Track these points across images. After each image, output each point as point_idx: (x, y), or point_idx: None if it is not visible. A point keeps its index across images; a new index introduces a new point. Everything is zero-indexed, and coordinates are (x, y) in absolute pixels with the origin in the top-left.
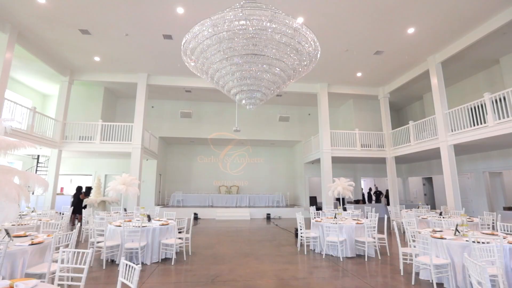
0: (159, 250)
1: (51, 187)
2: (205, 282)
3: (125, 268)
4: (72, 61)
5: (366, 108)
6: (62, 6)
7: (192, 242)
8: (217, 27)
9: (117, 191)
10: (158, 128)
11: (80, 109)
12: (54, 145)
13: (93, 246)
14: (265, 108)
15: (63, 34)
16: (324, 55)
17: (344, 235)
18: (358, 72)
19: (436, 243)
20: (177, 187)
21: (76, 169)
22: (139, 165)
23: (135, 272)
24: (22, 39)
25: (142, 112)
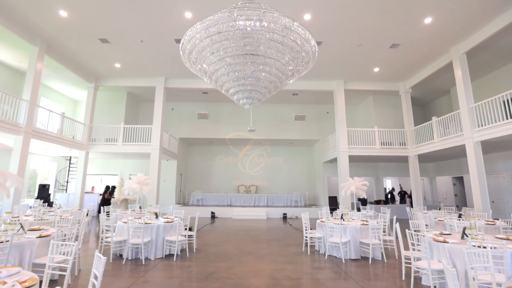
0: (163, 246)
1: (79, 186)
2: (199, 278)
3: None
4: (96, 68)
5: (387, 104)
6: (82, 18)
7: (202, 239)
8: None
9: (132, 190)
10: (177, 129)
11: (105, 113)
12: (82, 147)
13: (103, 241)
14: (280, 107)
15: (85, 44)
16: (337, 51)
17: (347, 236)
18: (375, 67)
19: (438, 247)
20: (198, 187)
21: (103, 169)
22: (158, 165)
23: (101, 263)
24: (51, 50)
25: (160, 115)
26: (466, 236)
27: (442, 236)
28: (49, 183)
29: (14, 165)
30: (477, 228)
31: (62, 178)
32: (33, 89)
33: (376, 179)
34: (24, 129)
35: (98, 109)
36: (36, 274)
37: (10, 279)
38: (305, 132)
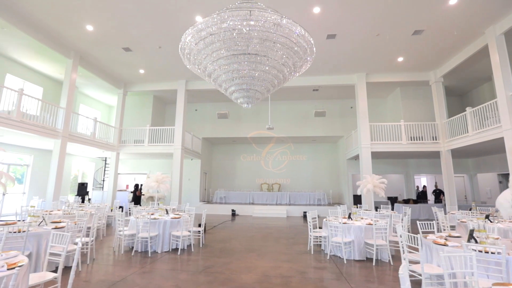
0: (170, 241)
1: (111, 184)
2: (193, 272)
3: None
4: (123, 75)
5: (416, 96)
6: (105, 30)
7: (214, 235)
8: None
9: (150, 188)
10: (201, 129)
11: (134, 116)
12: (113, 148)
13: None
14: (301, 103)
15: (111, 53)
16: (353, 43)
17: (351, 236)
18: (399, 57)
19: (438, 250)
20: (222, 185)
21: (135, 169)
22: (180, 164)
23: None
24: (83, 62)
25: (181, 116)
26: (474, 239)
27: (448, 239)
28: (88, 181)
29: (53, 165)
30: (486, 230)
31: (99, 177)
32: (68, 97)
33: (406, 177)
34: (62, 133)
35: (128, 113)
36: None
37: (4, 261)
38: (328, 129)
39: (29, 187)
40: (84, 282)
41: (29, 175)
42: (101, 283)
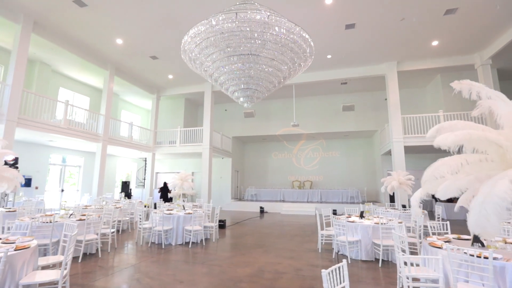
0: (183, 234)
1: (148, 183)
2: (195, 263)
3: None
4: (155, 81)
5: None
6: (133, 42)
7: (232, 231)
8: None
9: (175, 185)
10: (231, 128)
11: (168, 118)
12: (149, 149)
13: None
14: (330, 98)
15: (141, 62)
16: (376, 31)
17: (358, 235)
18: (433, 41)
19: (436, 253)
20: (254, 183)
21: (172, 168)
22: (209, 163)
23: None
24: (119, 72)
25: (209, 116)
26: (480, 243)
27: (452, 241)
28: (131, 180)
29: (96, 166)
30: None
31: (140, 176)
32: (107, 105)
33: None
34: (102, 137)
35: (163, 116)
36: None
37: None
38: (360, 123)
39: (82, 185)
40: (98, 267)
41: (81, 174)
42: (111, 268)
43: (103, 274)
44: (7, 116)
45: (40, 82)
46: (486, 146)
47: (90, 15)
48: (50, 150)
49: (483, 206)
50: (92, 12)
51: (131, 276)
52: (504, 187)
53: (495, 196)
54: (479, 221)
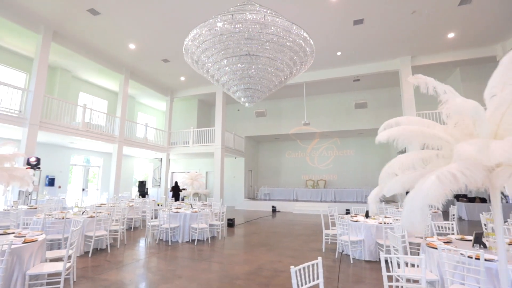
0: (189, 232)
1: (163, 182)
2: (197, 260)
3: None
4: (168, 84)
5: (480, 75)
6: (145, 46)
7: (239, 229)
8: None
9: (185, 184)
10: (243, 128)
11: (182, 119)
12: (163, 149)
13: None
14: (342, 95)
15: (154, 66)
16: (387, 25)
17: (362, 235)
18: (448, 33)
19: (433, 254)
20: (268, 182)
21: (186, 168)
22: (221, 162)
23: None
24: (133, 75)
25: (220, 117)
26: (482, 244)
27: (454, 241)
28: (147, 179)
29: (113, 166)
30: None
31: (157, 175)
32: (122, 107)
33: None
34: (118, 138)
35: (177, 117)
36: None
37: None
38: (374, 120)
39: (101, 184)
40: (106, 261)
41: (101, 174)
42: (118, 263)
43: (109, 268)
44: (30, 120)
45: (61, 87)
46: (437, 142)
47: (104, 22)
48: (71, 152)
49: (412, 202)
50: (105, 19)
51: (134, 271)
52: (429, 183)
53: (421, 192)
54: (409, 217)
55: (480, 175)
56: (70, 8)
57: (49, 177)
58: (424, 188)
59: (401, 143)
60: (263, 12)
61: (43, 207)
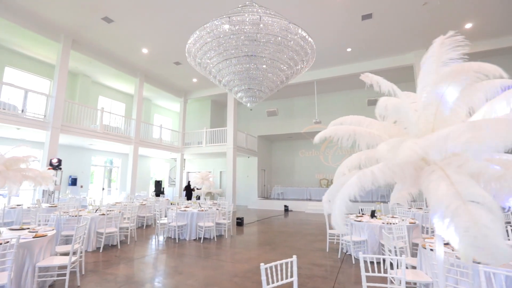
0: (196, 230)
1: (177, 181)
2: (199, 257)
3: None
4: (181, 85)
5: (504, 67)
6: (157, 50)
7: (248, 228)
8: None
9: (196, 184)
10: (256, 128)
11: (196, 120)
12: (178, 150)
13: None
14: (355, 93)
15: (166, 68)
16: (397, 19)
17: (365, 235)
18: (466, 24)
19: (428, 255)
20: (281, 181)
21: (201, 167)
22: (233, 162)
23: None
24: (148, 79)
25: (232, 117)
26: None
27: None
28: (163, 179)
29: (129, 166)
30: None
31: (173, 175)
32: (138, 109)
33: None
34: (134, 140)
35: (191, 118)
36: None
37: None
38: None
39: (120, 184)
40: (114, 257)
41: (119, 174)
42: (125, 259)
43: (116, 263)
44: (52, 123)
45: (82, 92)
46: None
47: (117, 29)
48: (91, 153)
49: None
50: (119, 26)
51: (138, 266)
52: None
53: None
54: (335, 217)
55: (408, 172)
56: (86, 18)
57: (71, 177)
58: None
59: (345, 142)
60: (261, 13)
61: (63, 205)
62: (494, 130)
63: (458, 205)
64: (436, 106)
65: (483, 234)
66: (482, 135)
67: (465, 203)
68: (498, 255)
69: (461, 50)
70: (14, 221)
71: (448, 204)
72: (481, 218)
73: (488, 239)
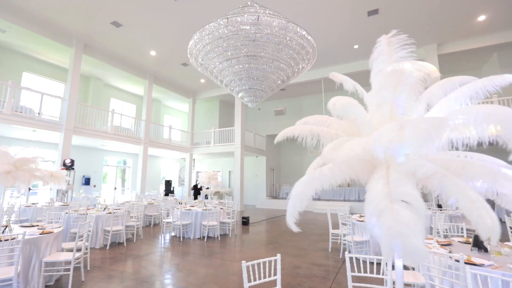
0: (201, 229)
1: (186, 181)
2: (201, 255)
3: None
4: (189, 86)
5: None
6: (164, 52)
7: (253, 227)
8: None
9: (203, 183)
10: (264, 127)
11: (205, 120)
12: (186, 150)
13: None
14: (366, 90)
15: (174, 70)
16: (406, 13)
17: (367, 235)
18: (479, 16)
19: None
20: (290, 180)
21: (211, 167)
22: (241, 161)
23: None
24: (157, 80)
25: (240, 116)
26: (482, 247)
27: (454, 244)
28: (173, 179)
29: (139, 166)
30: None
31: (183, 175)
32: (147, 110)
33: None
34: (143, 140)
35: (200, 118)
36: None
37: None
38: None
39: (131, 183)
40: (120, 254)
41: (131, 174)
42: (129, 256)
43: (121, 260)
44: (66, 125)
45: (95, 95)
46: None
47: (126, 33)
48: (104, 153)
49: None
50: (127, 30)
51: (141, 263)
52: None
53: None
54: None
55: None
56: (96, 23)
57: (85, 177)
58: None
59: (310, 142)
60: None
61: (74, 204)
62: (415, 130)
63: (385, 204)
64: (390, 105)
65: (402, 233)
66: (405, 134)
67: (392, 202)
68: (414, 254)
69: (409, 49)
70: (29, 219)
71: (377, 203)
72: (403, 217)
73: (406, 238)
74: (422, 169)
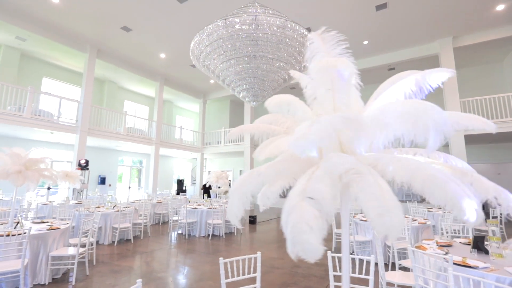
0: (206, 227)
1: (197, 180)
2: (204, 253)
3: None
4: (199, 87)
5: None
6: (173, 55)
7: (260, 226)
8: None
9: (211, 183)
10: None
11: (216, 120)
12: (197, 150)
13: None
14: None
15: (184, 71)
16: (415, 6)
17: (370, 235)
18: (497, 5)
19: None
20: None
21: (222, 166)
22: (250, 160)
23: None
24: (167, 82)
25: (249, 115)
26: (482, 248)
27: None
28: (185, 178)
29: (151, 165)
30: (500, 238)
31: (194, 174)
32: (158, 112)
33: None
34: (155, 141)
35: (211, 118)
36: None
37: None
38: None
39: (144, 183)
40: (126, 250)
41: (144, 174)
42: (135, 252)
43: (127, 256)
44: (81, 127)
45: (109, 97)
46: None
47: (136, 37)
48: (118, 154)
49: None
50: (137, 34)
51: (145, 259)
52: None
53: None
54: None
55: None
56: (107, 28)
57: (100, 177)
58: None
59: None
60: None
61: (87, 202)
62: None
63: (297, 201)
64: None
65: (301, 229)
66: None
67: (303, 199)
68: (309, 251)
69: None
70: (46, 216)
71: (291, 200)
72: (306, 214)
73: (303, 234)
74: (340, 167)
